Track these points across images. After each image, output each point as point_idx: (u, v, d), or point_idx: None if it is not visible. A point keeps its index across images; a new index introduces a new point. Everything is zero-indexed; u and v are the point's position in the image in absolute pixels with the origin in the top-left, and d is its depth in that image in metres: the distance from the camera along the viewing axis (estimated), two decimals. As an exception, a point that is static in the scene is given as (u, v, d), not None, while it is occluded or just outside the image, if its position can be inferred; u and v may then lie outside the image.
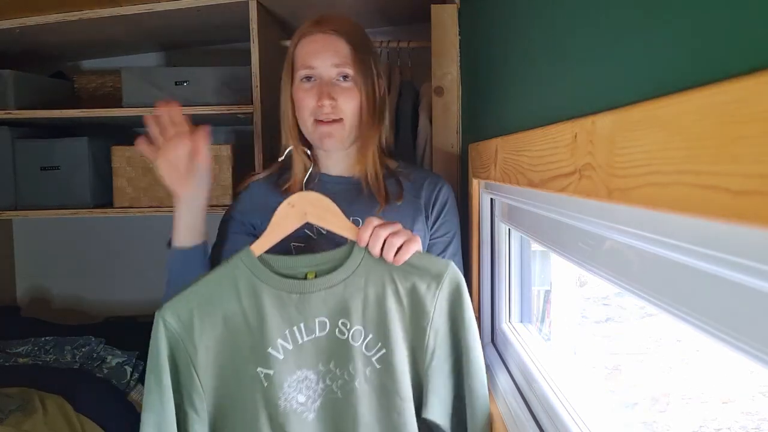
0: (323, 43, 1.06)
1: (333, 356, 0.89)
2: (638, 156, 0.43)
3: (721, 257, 0.40)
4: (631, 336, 1.58)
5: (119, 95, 1.89)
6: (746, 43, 0.33)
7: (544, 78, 0.76)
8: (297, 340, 0.89)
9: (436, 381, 0.89)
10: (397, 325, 0.89)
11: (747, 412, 1.41)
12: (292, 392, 0.88)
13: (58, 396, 1.52)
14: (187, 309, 0.87)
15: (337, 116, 1.06)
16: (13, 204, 1.92)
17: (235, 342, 0.88)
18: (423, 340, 0.89)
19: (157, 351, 0.87)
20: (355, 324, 0.89)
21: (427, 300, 0.89)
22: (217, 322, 0.88)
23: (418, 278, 0.89)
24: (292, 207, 0.91)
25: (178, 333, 0.87)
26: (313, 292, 0.89)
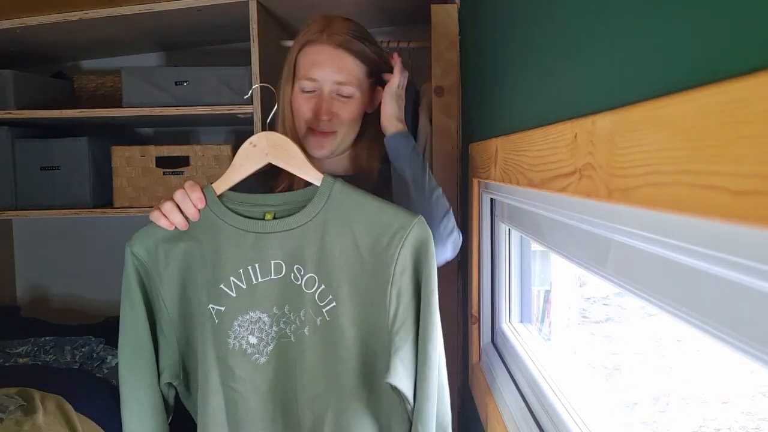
0: (328, 56, 1.03)
1: (287, 300, 0.87)
2: (638, 156, 0.43)
3: (721, 257, 0.40)
4: (632, 336, 1.58)
5: (119, 95, 1.89)
6: (747, 43, 0.33)
7: (544, 78, 0.76)
8: (251, 280, 0.87)
9: (401, 345, 0.83)
10: (351, 280, 0.85)
11: (747, 412, 1.41)
12: (243, 332, 0.87)
13: (58, 396, 1.52)
14: (153, 241, 0.89)
15: (332, 129, 1.05)
16: (13, 204, 1.92)
17: (194, 276, 0.88)
18: (383, 300, 0.84)
19: (128, 278, 0.89)
20: (308, 271, 0.86)
21: (388, 255, 0.83)
22: (178, 255, 0.88)
23: (381, 231, 0.84)
24: (254, 146, 0.89)
25: (146, 263, 0.89)
26: (269, 233, 0.86)
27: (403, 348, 0.83)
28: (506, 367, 1.12)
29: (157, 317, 0.91)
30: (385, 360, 0.84)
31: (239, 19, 1.76)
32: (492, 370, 1.17)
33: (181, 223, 0.88)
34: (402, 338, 0.84)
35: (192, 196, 0.89)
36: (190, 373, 0.92)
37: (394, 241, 0.83)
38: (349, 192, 0.86)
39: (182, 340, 0.91)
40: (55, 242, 2.31)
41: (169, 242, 0.89)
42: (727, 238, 0.39)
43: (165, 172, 1.90)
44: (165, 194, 1.91)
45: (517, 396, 0.99)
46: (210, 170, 1.90)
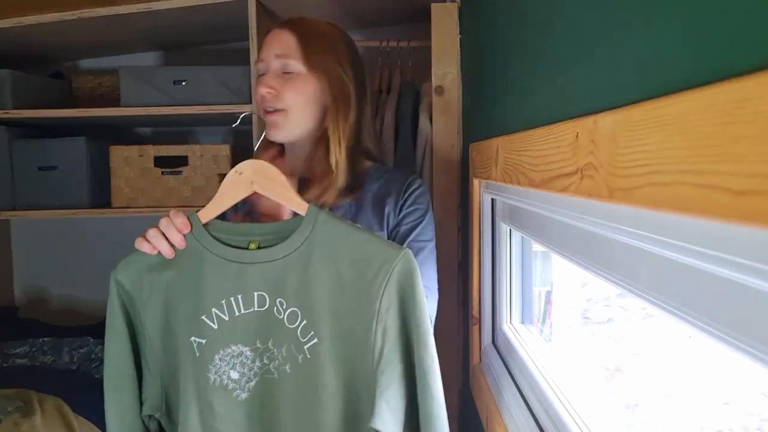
0: (272, 37, 1.08)
1: (272, 334, 0.83)
2: (640, 156, 0.43)
3: (722, 257, 0.40)
4: (633, 337, 1.58)
5: (117, 95, 1.88)
6: (748, 43, 0.33)
7: (545, 77, 0.76)
8: (234, 312, 0.84)
9: (386, 387, 0.79)
10: (334, 316, 0.81)
11: (748, 413, 1.41)
12: (225, 367, 0.84)
13: (56, 397, 1.52)
14: (138, 270, 0.87)
15: (279, 106, 1.05)
16: (10, 204, 1.91)
17: (176, 307, 0.86)
18: (368, 338, 0.80)
19: (112, 307, 0.87)
20: (290, 305, 0.82)
21: (373, 291, 0.79)
22: (162, 284, 0.86)
23: (366, 265, 0.80)
24: (239, 174, 0.88)
25: (130, 292, 0.87)
26: (253, 263, 0.83)
27: (389, 389, 0.80)
28: (507, 368, 1.11)
29: (141, 347, 0.88)
30: (368, 402, 0.80)
31: (238, 18, 1.75)
32: (493, 371, 1.17)
33: (167, 250, 0.86)
34: (387, 379, 0.80)
35: (176, 221, 0.87)
36: (172, 406, 0.89)
37: (380, 275, 0.80)
38: (334, 222, 0.83)
39: (165, 371, 0.88)
40: (53, 243, 2.30)
41: (153, 271, 0.87)
42: (728, 238, 0.39)
43: (163, 172, 1.90)
44: (163, 194, 1.91)
45: (518, 397, 0.98)
46: (208, 170, 1.90)
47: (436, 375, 0.80)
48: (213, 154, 1.90)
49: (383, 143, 1.61)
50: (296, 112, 1.06)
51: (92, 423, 1.52)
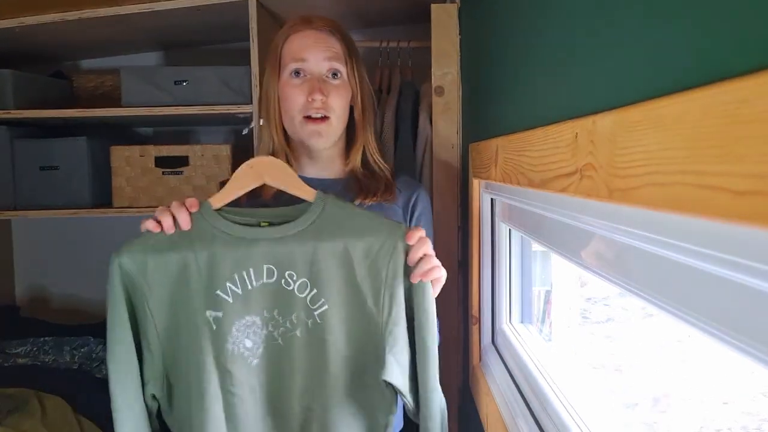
0: (315, 39, 1.05)
1: (277, 304, 0.90)
2: (639, 156, 0.43)
3: (722, 257, 0.40)
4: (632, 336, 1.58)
5: (118, 95, 1.88)
6: (747, 43, 0.33)
7: (544, 77, 0.76)
8: (246, 285, 0.89)
9: (394, 344, 0.89)
10: (343, 283, 0.89)
11: (748, 412, 1.41)
12: (241, 336, 0.90)
13: (57, 396, 1.52)
14: (142, 251, 0.89)
15: (327, 113, 1.05)
16: (12, 204, 1.91)
17: (187, 284, 0.89)
18: (378, 303, 0.88)
19: (114, 291, 0.89)
20: (301, 276, 0.89)
21: (380, 261, 0.88)
22: (170, 263, 0.89)
23: (372, 238, 0.89)
24: (251, 168, 0.94)
25: (133, 273, 0.89)
26: (263, 238, 0.89)
27: (397, 346, 0.89)
28: (507, 367, 1.12)
29: (143, 329, 0.91)
30: (374, 358, 0.89)
31: (239, 18, 1.75)
32: (492, 371, 1.17)
33: (169, 224, 0.89)
34: (395, 338, 0.88)
35: (186, 201, 0.91)
36: (174, 387, 0.92)
37: (385, 247, 0.88)
38: (341, 205, 0.92)
39: (168, 352, 0.91)
40: (54, 242, 2.31)
41: (160, 252, 0.89)
42: (728, 238, 0.39)
43: (164, 172, 1.90)
44: (164, 194, 1.91)
45: (518, 397, 0.98)
46: (209, 170, 1.90)
47: (434, 336, 0.89)
48: (214, 153, 1.90)
49: (383, 143, 1.61)
50: (337, 119, 1.07)
51: (94, 422, 1.52)
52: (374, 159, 1.13)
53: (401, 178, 1.17)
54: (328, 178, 1.13)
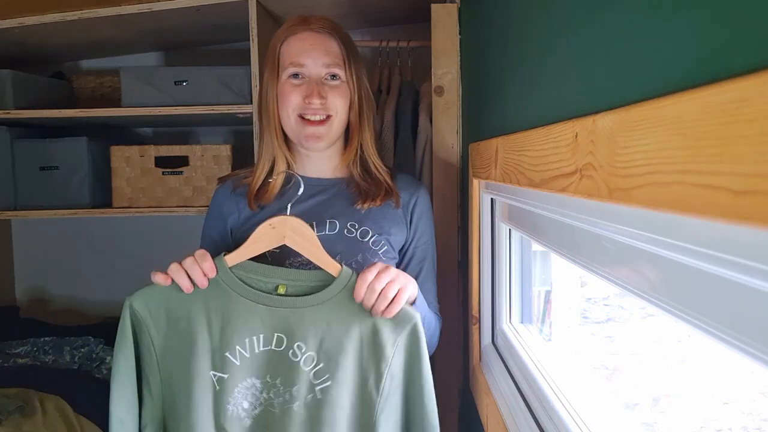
0: (313, 42, 1.05)
1: (281, 373, 0.90)
2: (639, 156, 0.43)
3: (721, 257, 0.40)
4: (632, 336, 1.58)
5: (118, 95, 1.89)
6: (747, 43, 0.33)
7: (544, 77, 0.76)
8: (254, 349, 0.90)
9: (386, 425, 0.91)
10: (350, 362, 0.90)
11: (748, 412, 1.41)
12: (240, 398, 0.91)
13: (57, 397, 1.52)
14: (156, 299, 0.90)
15: (326, 114, 1.05)
16: (12, 204, 1.91)
17: (195, 341, 0.90)
18: (379, 384, 0.90)
19: (124, 332, 0.90)
20: (309, 350, 0.90)
21: (388, 345, 0.90)
22: (181, 317, 0.90)
23: (383, 322, 0.90)
24: (272, 228, 0.92)
25: (143, 317, 0.90)
26: (280, 308, 0.90)
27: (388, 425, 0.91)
28: (507, 367, 1.11)
29: (146, 374, 0.92)
30: None
31: (238, 18, 1.75)
32: (492, 371, 1.17)
33: (187, 286, 0.89)
34: (389, 420, 0.91)
35: (204, 265, 0.89)
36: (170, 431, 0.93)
37: (396, 331, 0.90)
38: None
39: (168, 400, 0.92)
40: (55, 243, 2.31)
41: (174, 302, 0.90)
42: (728, 238, 0.39)
43: (164, 172, 1.90)
44: (164, 194, 1.91)
45: (518, 397, 0.98)
46: (209, 170, 1.90)
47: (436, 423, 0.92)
48: (214, 154, 1.91)
49: (383, 143, 1.61)
50: (338, 120, 1.07)
51: (93, 422, 1.52)
52: (374, 163, 1.13)
53: (401, 176, 1.18)
54: (327, 177, 1.13)
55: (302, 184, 1.00)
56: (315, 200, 1.10)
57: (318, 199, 1.10)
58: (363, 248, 1.05)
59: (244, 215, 1.09)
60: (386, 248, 1.08)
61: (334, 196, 1.11)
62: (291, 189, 1.08)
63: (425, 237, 1.14)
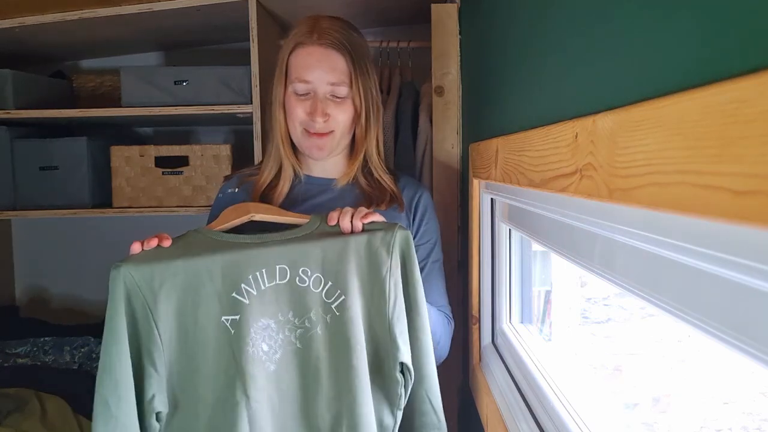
0: (319, 58, 1.04)
1: (292, 305, 0.89)
2: (639, 156, 0.43)
3: (721, 257, 0.40)
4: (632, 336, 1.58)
5: (118, 95, 1.89)
6: (747, 43, 0.33)
7: (544, 77, 0.76)
8: (260, 286, 0.88)
9: (402, 329, 0.94)
10: (354, 275, 0.92)
11: (748, 412, 1.41)
12: (258, 340, 0.87)
13: (57, 396, 1.52)
14: (146, 261, 0.85)
15: (329, 129, 1.06)
16: (12, 204, 1.91)
17: (197, 290, 0.86)
18: (384, 290, 0.93)
19: (114, 304, 0.83)
20: (315, 271, 0.90)
21: (382, 253, 0.93)
22: (178, 272, 0.86)
23: (371, 235, 0.94)
24: (235, 210, 0.97)
25: (137, 283, 0.84)
26: (273, 241, 0.91)
27: (404, 331, 0.94)
28: (507, 367, 1.11)
29: (145, 344, 0.85)
30: (386, 342, 0.93)
31: (239, 18, 1.76)
32: (492, 371, 1.17)
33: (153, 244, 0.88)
34: (400, 322, 0.93)
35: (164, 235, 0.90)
36: (179, 403, 0.87)
37: (385, 240, 0.94)
38: None
39: (175, 368, 0.86)
40: (54, 242, 2.31)
41: (165, 261, 0.86)
42: (727, 238, 0.39)
43: (164, 172, 1.90)
44: (164, 194, 1.91)
45: (518, 397, 0.98)
46: (209, 170, 1.90)
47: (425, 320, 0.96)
48: (214, 153, 1.91)
49: (383, 143, 1.61)
50: (341, 133, 1.08)
51: (93, 422, 1.52)
52: (379, 174, 1.14)
53: (403, 178, 1.18)
54: (334, 177, 1.14)
55: None
56: (321, 198, 1.11)
57: (324, 197, 1.11)
58: None
59: None
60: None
61: (340, 196, 1.11)
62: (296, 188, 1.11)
63: (427, 236, 1.14)
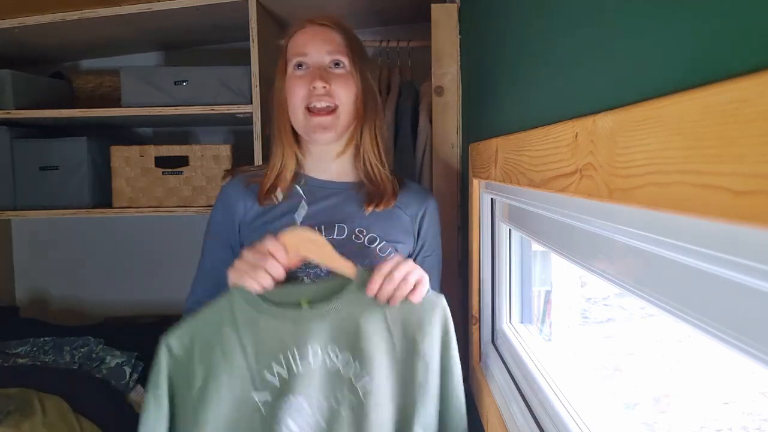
0: (314, 33, 1.06)
1: (323, 385, 0.91)
2: (639, 156, 0.43)
3: (721, 257, 0.40)
4: (632, 336, 1.58)
5: (118, 95, 1.89)
6: (747, 43, 0.33)
7: (544, 77, 0.76)
8: (291, 367, 0.90)
9: (423, 411, 0.92)
10: (384, 356, 0.91)
11: (748, 412, 1.41)
12: (288, 420, 0.89)
13: (57, 397, 1.52)
14: (189, 335, 0.90)
15: (332, 103, 1.04)
16: (12, 204, 1.91)
17: (232, 368, 0.89)
18: (413, 374, 0.92)
19: (158, 372, 0.89)
20: (344, 352, 0.91)
21: (418, 334, 0.92)
22: (215, 348, 0.90)
23: (409, 312, 0.91)
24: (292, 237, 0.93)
25: (180, 358, 0.90)
26: (306, 320, 0.90)
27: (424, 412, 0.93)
28: (506, 367, 1.11)
29: (183, 414, 0.90)
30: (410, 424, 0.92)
31: (238, 18, 1.76)
32: (492, 371, 1.17)
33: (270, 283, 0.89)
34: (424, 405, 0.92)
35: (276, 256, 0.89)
36: None
37: (424, 320, 0.92)
38: None
39: None
40: (54, 243, 2.31)
41: (205, 334, 0.90)
42: (728, 238, 0.39)
43: (164, 172, 1.90)
44: (164, 194, 1.91)
45: (518, 397, 0.98)
46: (209, 170, 1.90)
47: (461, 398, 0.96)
48: (214, 154, 1.91)
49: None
50: (346, 111, 1.06)
51: (93, 422, 1.52)
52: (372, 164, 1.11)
53: (412, 186, 1.18)
54: (337, 181, 1.13)
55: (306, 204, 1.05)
56: (325, 204, 1.09)
57: (328, 202, 1.10)
58: (370, 254, 1.05)
59: (252, 212, 1.09)
60: (393, 255, 1.08)
61: (344, 201, 1.10)
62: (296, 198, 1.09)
63: (431, 250, 1.15)
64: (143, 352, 1.80)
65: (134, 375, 1.75)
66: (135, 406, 1.68)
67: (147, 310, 2.26)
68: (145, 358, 1.78)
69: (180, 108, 1.80)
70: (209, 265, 1.10)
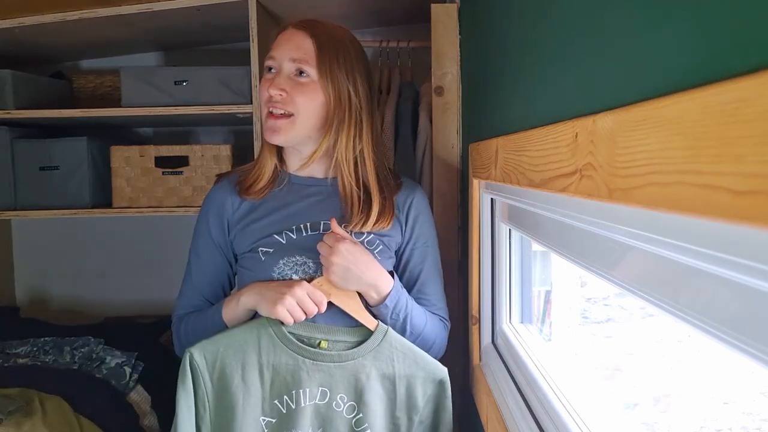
0: (289, 38, 1.06)
1: (323, 424, 1.01)
2: (639, 156, 0.43)
3: (721, 257, 0.40)
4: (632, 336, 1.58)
5: (118, 95, 1.89)
6: (748, 43, 0.33)
7: (544, 77, 0.76)
8: (300, 402, 0.99)
9: None
10: (385, 411, 1.02)
11: (748, 412, 1.41)
12: None
13: (57, 397, 1.52)
14: (214, 351, 0.99)
15: (287, 110, 1.03)
16: (12, 204, 1.91)
17: (248, 389, 0.99)
18: (411, 428, 1.03)
19: (184, 381, 0.99)
20: (350, 400, 1.01)
21: (419, 395, 1.03)
22: (236, 368, 0.99)
23: (416, 373, 1.03)
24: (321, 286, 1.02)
25: (200, 369, 0.99)
26: (324, 362, 1.00)
27: None
28: (507, 367, 1.11)
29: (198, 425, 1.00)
30: None
31: (238, 18, 1.76)
32: (492, 371, 1.17)
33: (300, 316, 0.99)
34: None
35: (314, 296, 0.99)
36: None
37: (427, 383, 1.03)
38: (398, 340, 1.03)
39: None
40: (54, 243, 2.31)
41: (230, 354, 0.99)
42: (727, 238, 0.39)
43: (164, 172, 1.90)
44: (164, 194, 1.91)
45: (518, 397, 0.98)
46: (209, 170, 1.90)
47: None
48: (214, 154, 1.91)
49: (383, 144, 1.61)
50: (303, 119, 1.05)
51: (93, 422, 1.52)
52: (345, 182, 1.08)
53: (403, 182, 1.17)
54: (321, 177, 1.12)
55: None
56: (309, 201, 1.10)
57: (312, 199, 1.10)
58: None
59: (240, 210, 1.10)
60: (381, 248, 1.08)
61: (329, 197, 1.10)
62: (284, 189, 1.11)
63: (423, 239, 1.13)
64: (143, 352, 1.80)
65: (134, 375, 1.75)
66: (135, 405, 1.68)
67: (147, 310, 2.26)
68: (144, 359, 1.78)
69: (180, 108, 1.80)
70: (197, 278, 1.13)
